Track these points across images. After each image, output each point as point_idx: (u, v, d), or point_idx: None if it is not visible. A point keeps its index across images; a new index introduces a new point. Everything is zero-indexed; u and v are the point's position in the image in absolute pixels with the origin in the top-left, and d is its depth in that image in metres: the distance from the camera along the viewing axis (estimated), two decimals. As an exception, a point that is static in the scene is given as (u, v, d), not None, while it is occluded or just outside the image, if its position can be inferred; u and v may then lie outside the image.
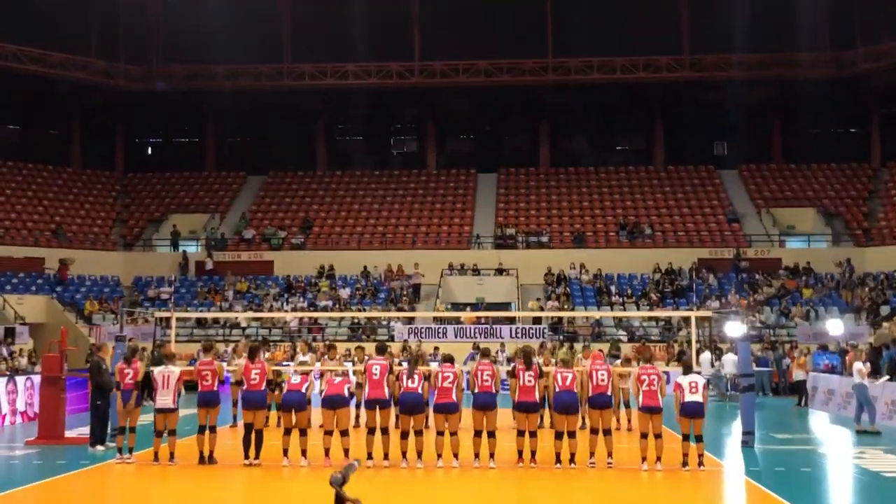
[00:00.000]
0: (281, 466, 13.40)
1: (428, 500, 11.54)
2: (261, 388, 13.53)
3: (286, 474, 13.05)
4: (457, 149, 47.95)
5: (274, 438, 14.32)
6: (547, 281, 36.06)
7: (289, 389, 13.70)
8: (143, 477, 13.02)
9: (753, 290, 34.71)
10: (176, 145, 48.95)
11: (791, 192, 41.74)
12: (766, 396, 27.60)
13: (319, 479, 11.89)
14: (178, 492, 12.10)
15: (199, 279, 37.83)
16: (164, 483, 12.56)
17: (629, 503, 11.31)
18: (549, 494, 11.95)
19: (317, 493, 11.30)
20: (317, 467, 13.15)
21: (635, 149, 47.07)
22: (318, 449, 13.70)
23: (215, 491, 12.01)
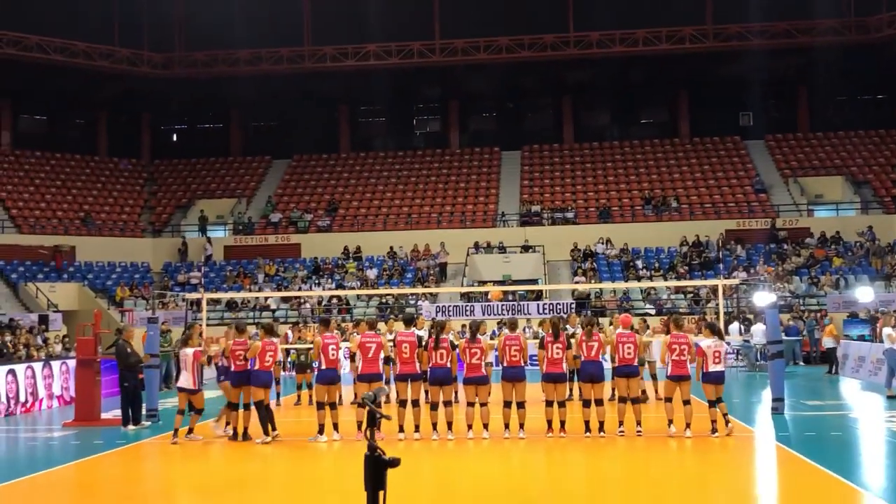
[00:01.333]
0: (312, 442, 13.59)
1: (459, 470, 11.66)
2: (270, 368, 13.79)
3: (321, 449, 13.24)
4: (480, 127, 47.87)
5: (309, 415, 14.51)
6: (573, 257, 36.05)
7: (327, 367, 13.80)
8: (177, 455, 13.25)
9: (782, 260, 34.50)
10: (201, 132, 49.24)
11: (818, 161, 41.35)
12: (796, 366, 27.50)
13: (354, 453, 12.07)
14: (213, 468, 12.31)
15: (229, 263, 38.17)
16: (199, 460, 12.78)
17: (660, 470, 11.36)
18: (579, 463, 12.05)
19: (351, 467, 11.47)
20: (350, 441, 13.33)
21: (659, 122, 46.78)
22: (349, 425, 13.88)
23: (253, 465, 12.21)
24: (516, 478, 10.96)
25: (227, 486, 10.80)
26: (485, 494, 9.77)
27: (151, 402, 16.65)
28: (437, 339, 13.42)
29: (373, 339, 13.63)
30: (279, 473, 11.55)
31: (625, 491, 9.99)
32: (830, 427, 14.62)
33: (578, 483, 10.59)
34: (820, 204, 39.16)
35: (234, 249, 39.11)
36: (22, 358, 23.51)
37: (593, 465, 11.84)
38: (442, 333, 13.50)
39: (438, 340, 13.40)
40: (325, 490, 10.53)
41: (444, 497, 9.84)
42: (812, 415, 16.21)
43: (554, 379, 13.53)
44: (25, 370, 19.38)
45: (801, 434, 13.86)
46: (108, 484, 11.30)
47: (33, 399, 19.50)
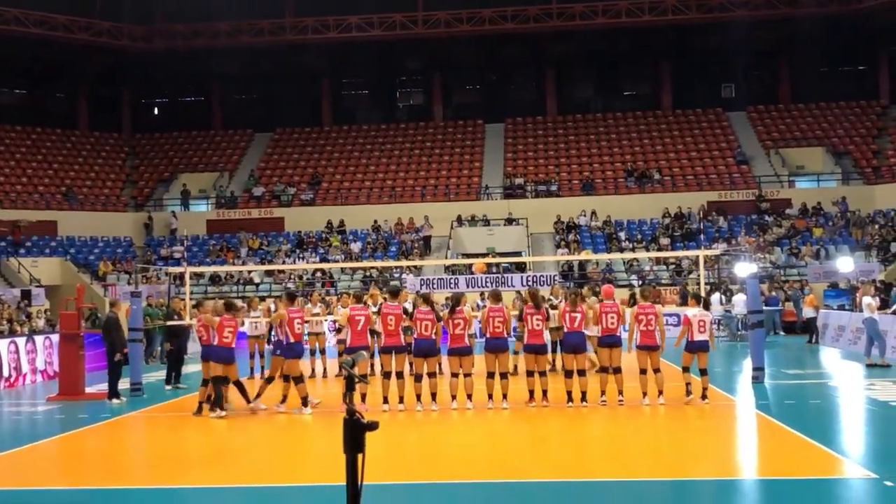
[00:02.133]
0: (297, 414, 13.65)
1: (444, 439, 11.74)
2: (232, 344, 13.63)
3: (305, 420, 13.28)
4: (463, 100, 47.75)
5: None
6: (557, 229, 36.13)
7: (295, 341, 13.75)
8: (162, 427, 13.27)
9: (763, 231, 34.70)
10: (182, 105, 48.88)
11: (800, 133, 41.50)
12: (777, 335, 27.74)
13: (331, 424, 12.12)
14: (198, 439, 12.34)
15: (211, 237, 38.04)
16: (185, 431, 12.80)
17: (643, 437, 11.47)
18: (562, 431, 12.14)
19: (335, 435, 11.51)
20: (330, 412, 13.38)
21: (642, 94, 46.78)
22: (335, 398, 13.93)
23: (237, 436, 12.24)
24: (500, 447, 11.03)
25: (212, 457, 10.83)
26: (469, 463, 9.84)
27: (136, 376, 16.64)
28: (454, 309, 13.44)
29: (361, 311, 13.67)
30: (263, 443, 11.60)
31: (608, 458, 10.08)
32: (810, 395, 14.79)
33: (562, 451, 10.68)
34: (801, 175, 39.35)
35: (217, 223, 38.98)
36: (5, 333, 23.40)
37: (576, 433, 11.94)
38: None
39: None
40: (309, 457, 10.58)
41: (428, 466, 9.91)
42: (792, 383, 16.38)
43: (535, 350, 13.61)
44: (9, 345, 19.30)
45: (781, 402, 14.01)
46: (93, 457, 11.30)
47: (17, 374, 19.43)
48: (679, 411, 13.09)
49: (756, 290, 16.58)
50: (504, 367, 13.60)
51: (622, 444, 10.99)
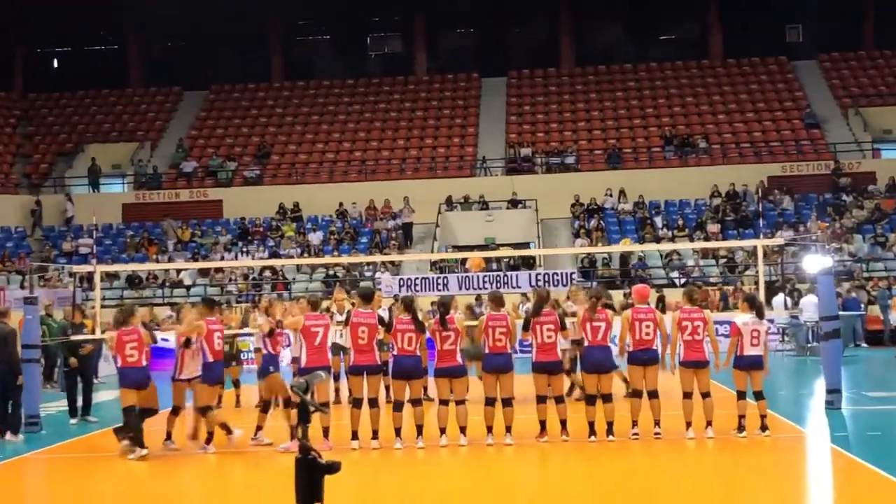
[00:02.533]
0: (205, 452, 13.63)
1: (430, 487, 11.73)
2: (140, 364, 13.56)
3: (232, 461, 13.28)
4: (453, 47, 47.68)
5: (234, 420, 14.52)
6: (574, 213, 36.15)
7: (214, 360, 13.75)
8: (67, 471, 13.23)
9: (840, 215, 34.81)
10: (89, 56, 48.65)
11: (886, 87, 41.61)
12: (857, 348, 27.84)
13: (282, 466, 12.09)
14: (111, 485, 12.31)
15: (128, 227, 37.94)
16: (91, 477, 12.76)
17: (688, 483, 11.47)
18: (582, 475, 12.14)
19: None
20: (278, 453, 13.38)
21: (685, 39, 46.85)
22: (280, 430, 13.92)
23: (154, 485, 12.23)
24: (503, 496, 11.03)
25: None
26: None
27: (32, 407, 16.57)
28: (444, 319, 13.44)
29: (318, 321, 13.64)
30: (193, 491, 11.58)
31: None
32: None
33: (582, 500, 10.68)
34: (888, 141, 39.45)
35: (136, 209, 38.85)
36: None
37: (600, 477, 11.93)
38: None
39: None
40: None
41: (409, 520, 9.93)
42: (877, 409, 16.44)
43: (546, 369, 13.59)
44: None
45: (863, 434, 14.04)
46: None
47: None
48: (732, 447, 13.10)
49: (831, 290, 16.60)
50: (507, 392, 13.58)
51: (659, 490, 10.99)
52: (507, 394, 13.60)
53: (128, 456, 13.43)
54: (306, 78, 46.06)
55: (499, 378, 13.51)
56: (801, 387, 20.23)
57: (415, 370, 13.55)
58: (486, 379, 13.56)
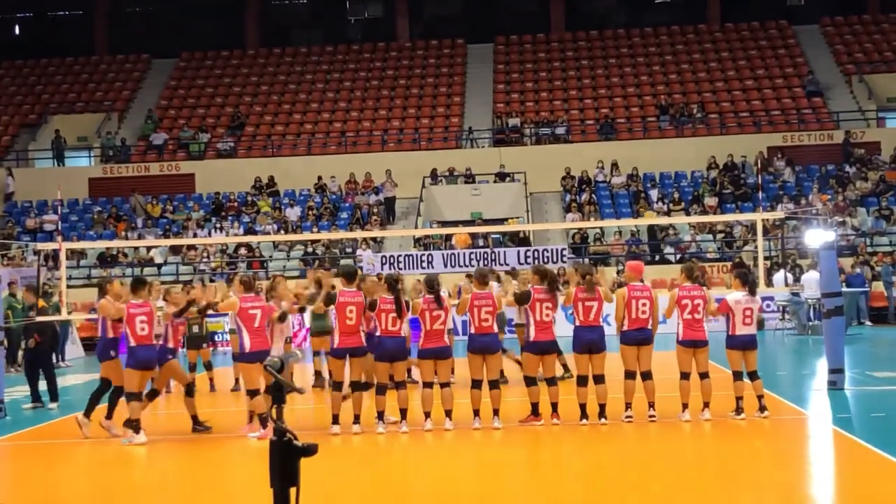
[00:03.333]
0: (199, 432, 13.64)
1: (415, 473, 11.75)
2: (151, 341, 13.66)
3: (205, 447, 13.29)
4: (437, 12, 47.56)
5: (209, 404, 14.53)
6: (566, 186, 36.15)
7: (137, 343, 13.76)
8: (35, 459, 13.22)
9: (843, 187, 34.90)
10: (53, 22, 48.37)
11: (892, 53, 41.66)
12: (861, 326, 27.97)
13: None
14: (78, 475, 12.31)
15: (95, 202, 37.81)
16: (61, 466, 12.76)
17: (685, 468, 11.50)
18: (574, 460, 12.18)
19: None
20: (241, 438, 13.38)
21: (681, 2, 46.80)
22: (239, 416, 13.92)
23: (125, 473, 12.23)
24: (490, 482, 11.05)
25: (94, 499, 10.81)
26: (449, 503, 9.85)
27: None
28: (438, 297, 13.44)
29: (255, 303, 13.59)
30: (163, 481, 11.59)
31: (635, 494, 10.11)
32: (906, 405, 14.94)
33: (573, 486, 10.71)
34: (894, 110, 39.50)
35: (103, 183, 38.72)
36: None
37: (593, 462, 11.97)
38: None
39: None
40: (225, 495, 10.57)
41: (392, 508, 9.94)
42: (882, 390, 16.51)
43: (542, 349, 13.62)
44: None
45: (866, 415, 14.11)
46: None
47: None
48: (730, 430, 13.16)
49: (834, 265, 16.65)
50: (494, 374, 13.61)
51: (654, 474, 11.02)
52: (494, 375, 13.64)
53: (121, 441, 13.45)
54: (283, 44, 45.86)
55: (485, 359, 13.53)
56: (802, 367, 20.31)
57: (399, 351, 13.55)
58: (472, 360, 13.58)
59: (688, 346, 13.61)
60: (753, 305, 13.78)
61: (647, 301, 13.67)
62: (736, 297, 13.72)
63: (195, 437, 13.84)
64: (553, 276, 13.92)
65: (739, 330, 13.65)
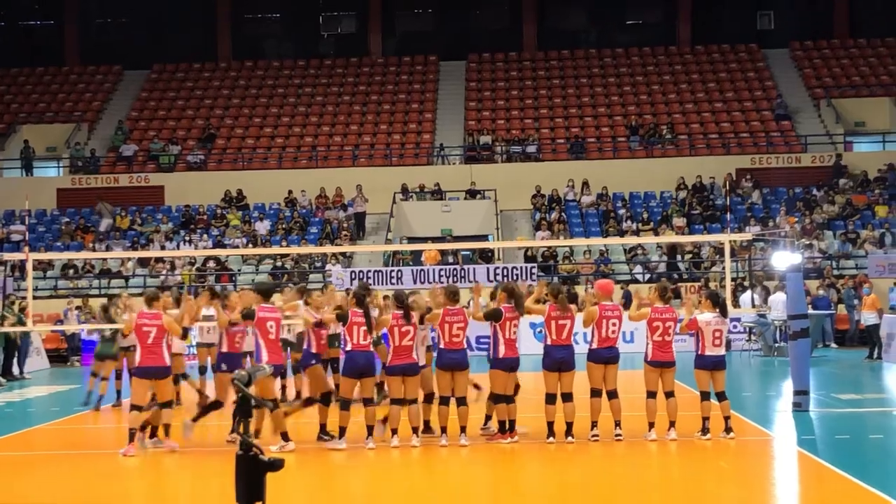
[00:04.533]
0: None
1: (380, 490, 11.73)
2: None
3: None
4: (410, 28, 47.62)
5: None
6: (536, 205, 36.22)
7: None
8: None
9: (810, 210, 35.13)
10: (23, 31, 48.11)
11: (860, 78, 42.00)
12: (827, 348, 28.13)
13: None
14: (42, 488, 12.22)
15: (63, 213, 37.59)
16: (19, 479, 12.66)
17: (651, 487, 11.55)
18: (540, 478, 12.18)
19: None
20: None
21: (652, 23, 47.08)
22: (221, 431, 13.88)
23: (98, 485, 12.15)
24: (455, 500, 11.04)
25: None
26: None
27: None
28: (407, 313, 13.43)
29: (151, 320, 13.46)
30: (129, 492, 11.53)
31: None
32: (870, 428, 15.02)
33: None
34: (861, 134, 39.86)
35: (72, 194, 38.46)
36: None
37: (558, 481, 11.98)
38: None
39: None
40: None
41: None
42: (846, 412, 16.61)
43: (512, 367, 13.65)
44: None
45: (830, 437, 14.20)
46: None
47: None
48: (696, 450, 13.21)
49: (800, 287, 16.75)
50: (462, 391, 13.62)
51: (620, 494, 11.05)
52: (462, 392, 13.64)
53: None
54: (255, 58, 45.76)
55: (454, 376, 13.54)
56: (767, 388, 20.39)
57: (368, 367, 13.53)
58: (440, 377, 13.59)
59: (656, 366, 13.68)
60: (723, 327, 13.87)
61: (617, 321, 13.77)
62: (706, 317, 13.79)
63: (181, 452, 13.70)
64: (521, 296, 13.95)
65: (709, 350, 13.74)
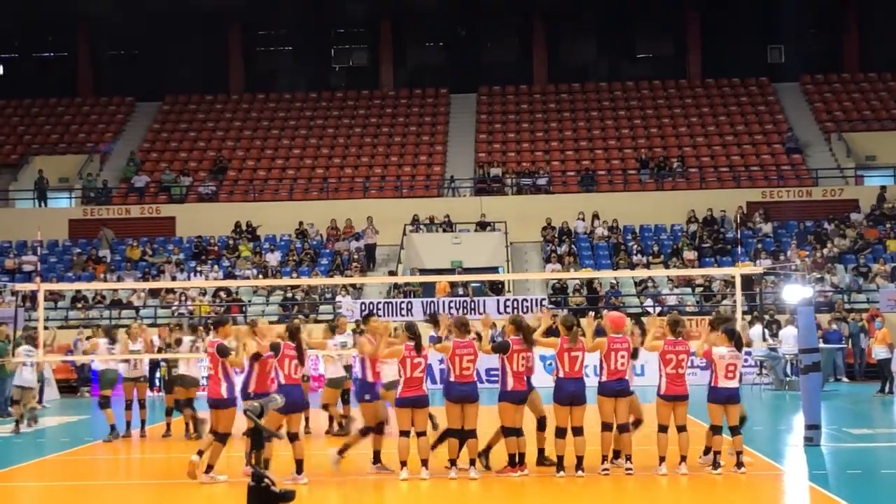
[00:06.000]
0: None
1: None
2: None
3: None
4: (422, 61, 47.76)
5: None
6: (546, 237, 36.23)
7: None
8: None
9: (821, 244, 35.08)
10: (38, 63, 48.38)
11: (871, 112, 42.04)
12: (838, 382, 28.04)
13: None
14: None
15: (75, 244, 37.69)
16: None
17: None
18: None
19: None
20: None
21: (662, 57, 47.17)
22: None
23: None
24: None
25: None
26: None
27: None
28: (418, 345, 13.48)
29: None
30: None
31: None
32: (882, 463, 15.00)
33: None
34: (872, 168, 39.84)
35: (84, 224, 38.56)
36: None
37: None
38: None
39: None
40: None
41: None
42: (858, 447, 16.55)
43: (520, 399, 13.65)
44: None
45: (842, 472, 14.14)
46: None
47: None
48: (707, 484, 13.17)
49: (811, 321, 16.72)
50: (472, 424, 13.58)
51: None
52: (472, 425, 13.61)
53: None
54: (266, 90, 45.94)
55: (464, 408, 13.52)
56: (778, 422, 20.32)
57: (297, 403, 13.41)
58: (450, 409, 13.58)
59: (669, 400, 13.66)
60: (738, 361, 13.85)
61: (626, 353, 13.77)
62: (721, 351, 13.77)
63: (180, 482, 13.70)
64: (528, 329, 13.94)
65: (722, 383, 13.72)
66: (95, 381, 26.65)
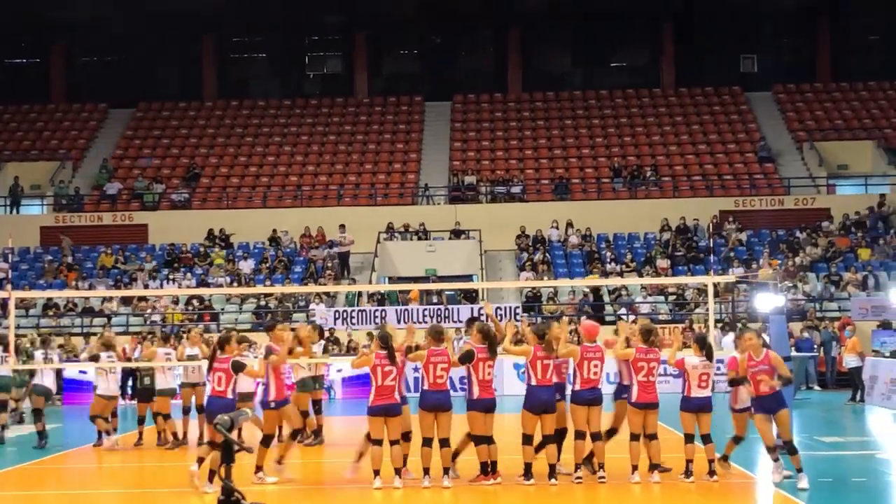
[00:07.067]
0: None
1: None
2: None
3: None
4: (396, 69, 47.82)
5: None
6: (520, 245, 36.28)
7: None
8: None
9: (793, 252, 35.26)
10: (10, 69, 48.15)
11: (843, 121, 42.31)
12: (810, 390, 28.17)
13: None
14: None
15: (47, 251, 37.49)
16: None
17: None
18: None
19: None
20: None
21: (636, 66, 47.37)
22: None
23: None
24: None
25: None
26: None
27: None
28: (392, 353, 13.45)
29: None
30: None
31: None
32: (853, 471, 15.07)
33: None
34: (844, 177, 40.07)
35: (55, 232, 38.36)
36: None
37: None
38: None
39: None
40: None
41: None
42: (829, 454, 16.64)
43: (487, 407, 13.65)
44: None
45: (813, 480, 14.18)
46: None
47: None
48: (680, 493, 13.22)
49: (783, 330, 16.82)
50: (445, 432, 13.58)
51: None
52: (444, 434, 13.61)
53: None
54: (240, 97, 45.86)
55: (437, 417, 13.52)
56: (750, 430, 20.37)
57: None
58: (423, 417, 13.57)
59: (640, 407, 13.70)
60: (709, 370, 13.92)
61: (599, 362, 13.81)
62: (693, 361, 13.82)
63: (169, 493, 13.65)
64: (494, 337, 13.96)
65: (694, 392, 13.78)
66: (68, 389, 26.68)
